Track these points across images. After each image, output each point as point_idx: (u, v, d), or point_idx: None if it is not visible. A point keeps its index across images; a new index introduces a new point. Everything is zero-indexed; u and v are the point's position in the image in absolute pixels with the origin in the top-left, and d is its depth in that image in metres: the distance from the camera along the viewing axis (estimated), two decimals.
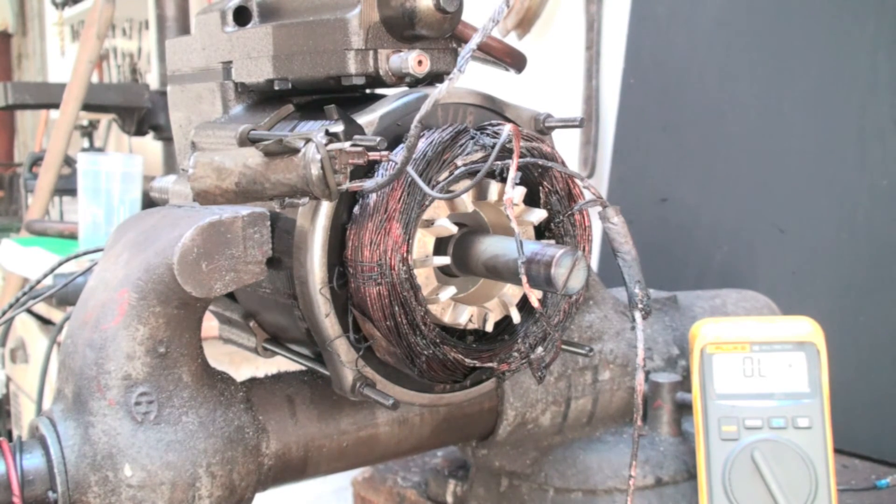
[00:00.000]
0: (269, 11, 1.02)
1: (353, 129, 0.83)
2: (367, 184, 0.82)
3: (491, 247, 0.88)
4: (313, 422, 1.00)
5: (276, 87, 0.97)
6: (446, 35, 0.92)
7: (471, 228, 0.94)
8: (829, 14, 1.58)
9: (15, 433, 2.74)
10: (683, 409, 1.20)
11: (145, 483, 0.85)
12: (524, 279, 0.81)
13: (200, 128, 1.04)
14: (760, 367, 1.10)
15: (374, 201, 0.85)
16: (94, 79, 3.53)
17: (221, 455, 0.89)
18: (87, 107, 2.71)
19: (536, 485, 1.18)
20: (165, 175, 1.17)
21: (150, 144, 2.97)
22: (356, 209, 0.86)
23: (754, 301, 1.40)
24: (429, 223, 0.88)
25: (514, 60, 1.07)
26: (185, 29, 2.63)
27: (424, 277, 0.90)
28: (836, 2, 1.58)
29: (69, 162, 3.01)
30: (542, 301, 0.96)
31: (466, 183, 0.83)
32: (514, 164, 0.81)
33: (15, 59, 6.37)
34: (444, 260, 0.90)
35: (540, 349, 0.95)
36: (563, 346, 1.01)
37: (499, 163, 0.87)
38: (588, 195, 0.90)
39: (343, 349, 0.89)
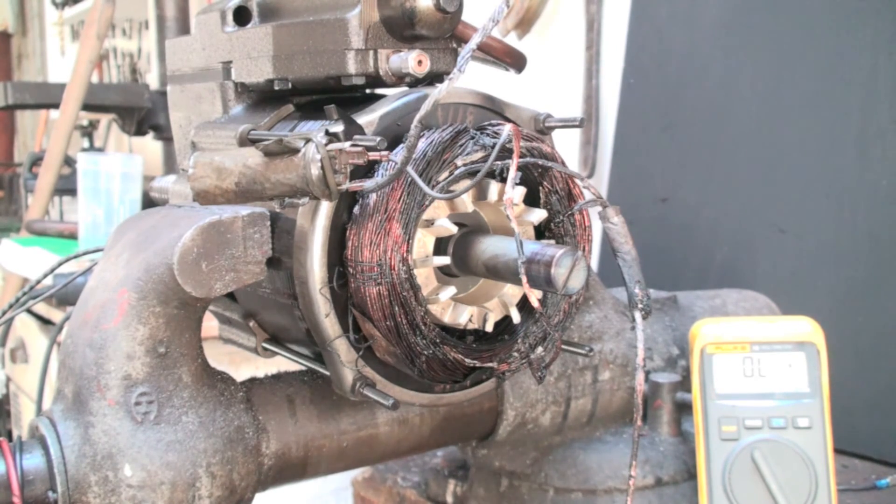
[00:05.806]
0: (269, 11, 1.02)
1: (353, 129, 0.83)
2: (367, 184, 0.82)
3: (491, 247, 0.88)
4: (313, 422, 1.00)
5: (276, 87, 0.97)
6: (446, 35, 0.92)
7: (471, 228, 0.94)
8: (829, 14, 1.58)
9: (15, 433, 2.74)
10: (683, 409, 1.20)
11: (145, 483, 0.85)
12: (524, 279, 0.81)
13: (200, 128, 1.04)
14: (760, 367, 1.10)
15: (374, 201, 0.85)
16: (94, 79, 3.53)
17: (221, 455, 0.89)
18: (87, 107, 2.71)
19: (536, 485, 1.18)
20: (165, 175, 1.17)
21: (150, 144, 2.96)
22: (356, 209, 0.86)
23: (754, 301, 1.40)
24: (429, 223, 0.88)
25: (514, 60, 1.07)
26: (185, 29, 2.62)
27: (424, 277, 0.90)
28: (836, 2, 1.58)
29: (69, 162, 3.01)
30: (542, 301, 0.96)
31: (466, 183, 0.83)
32: (514, 164, 0.81)
33: (15, 59, 6.37)
34: (444, 260, 0.90)
35: (540, 349, 0.95)
36: (563, 346, 1.01)
37: (499, 163, 0.87)
38: (588, 195, 0.90)
39: (343, 349, 0.89)
